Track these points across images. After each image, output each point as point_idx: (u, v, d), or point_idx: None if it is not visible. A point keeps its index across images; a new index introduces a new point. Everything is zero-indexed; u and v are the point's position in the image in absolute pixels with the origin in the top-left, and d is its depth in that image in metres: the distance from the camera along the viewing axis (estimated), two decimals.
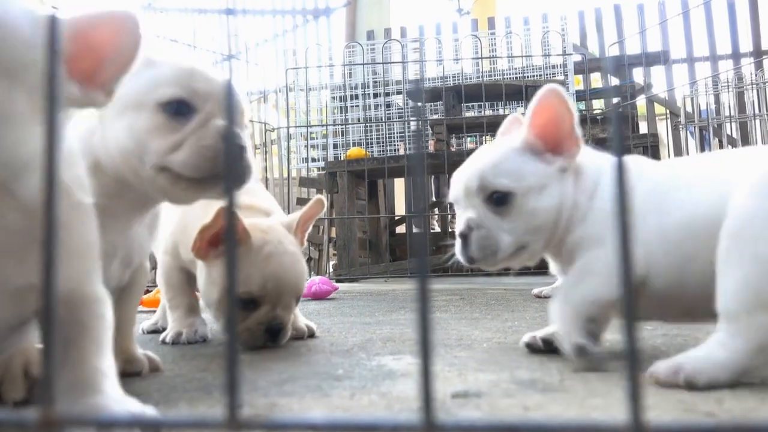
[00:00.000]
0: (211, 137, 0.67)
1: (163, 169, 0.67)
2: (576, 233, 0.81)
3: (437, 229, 4.01)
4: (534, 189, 0.82)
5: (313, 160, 4.19)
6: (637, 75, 4.27)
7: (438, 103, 3.68)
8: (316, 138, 4.27)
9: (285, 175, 3.94)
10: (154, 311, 1.38)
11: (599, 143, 3.05)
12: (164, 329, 1.15)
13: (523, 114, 0.87)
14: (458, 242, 0.85)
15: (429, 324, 0.28)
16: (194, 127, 0.67)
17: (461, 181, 0.86)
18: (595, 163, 0.85)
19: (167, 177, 0.67)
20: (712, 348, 0.65)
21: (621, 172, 0.28)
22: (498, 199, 0.82)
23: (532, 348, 0.89)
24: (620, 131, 0.32)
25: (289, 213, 1.18)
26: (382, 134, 4.06)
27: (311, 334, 1.11)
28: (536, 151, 0.84)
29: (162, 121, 0.66)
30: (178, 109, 0.66)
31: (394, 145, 4.09)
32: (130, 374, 0.77)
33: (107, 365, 0.52)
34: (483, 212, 0.83)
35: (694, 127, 3.65)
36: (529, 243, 0.83)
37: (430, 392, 0.27)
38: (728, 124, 3.58)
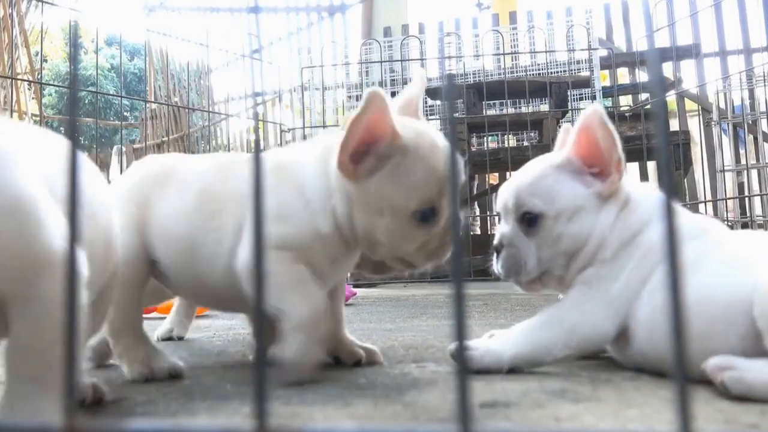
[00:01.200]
0: (445, 244, 0.77)
1: (401, 259, 0.79)
2: (590, 271, 0.78)
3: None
4: (565, 213, 0.79)
5: None
6: (667, 69, 4.14)
7: (458, 101, 3.64)
8: None
9: None
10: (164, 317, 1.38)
11: (628, 141, 2.98)
12: (180, 338, 1.16)
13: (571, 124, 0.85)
14: (494, 255, 0.86)
15: (464, 331, 0.28)
16: (437, 232, 0.76)
17: (503, 194, 0.86)
18: (651, 200, 0.80)
19: (400, 263, 0.79)
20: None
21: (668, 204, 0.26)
22: (529, 220, 0.81)
23: None
24: (666, 131, 0.29)
25: None
26: None
27: None
28: (576, 171, 0.81)
29: (413, 226, 0.75)
30: (426, 214, 0.76)
31: None
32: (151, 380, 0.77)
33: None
34: (515, 231, 0.83)
35: (728, 124, 3.51)
36: (553, 269, 0.81)
37: (468, 401, 0.27)
38: (764, 120, 3.43)
